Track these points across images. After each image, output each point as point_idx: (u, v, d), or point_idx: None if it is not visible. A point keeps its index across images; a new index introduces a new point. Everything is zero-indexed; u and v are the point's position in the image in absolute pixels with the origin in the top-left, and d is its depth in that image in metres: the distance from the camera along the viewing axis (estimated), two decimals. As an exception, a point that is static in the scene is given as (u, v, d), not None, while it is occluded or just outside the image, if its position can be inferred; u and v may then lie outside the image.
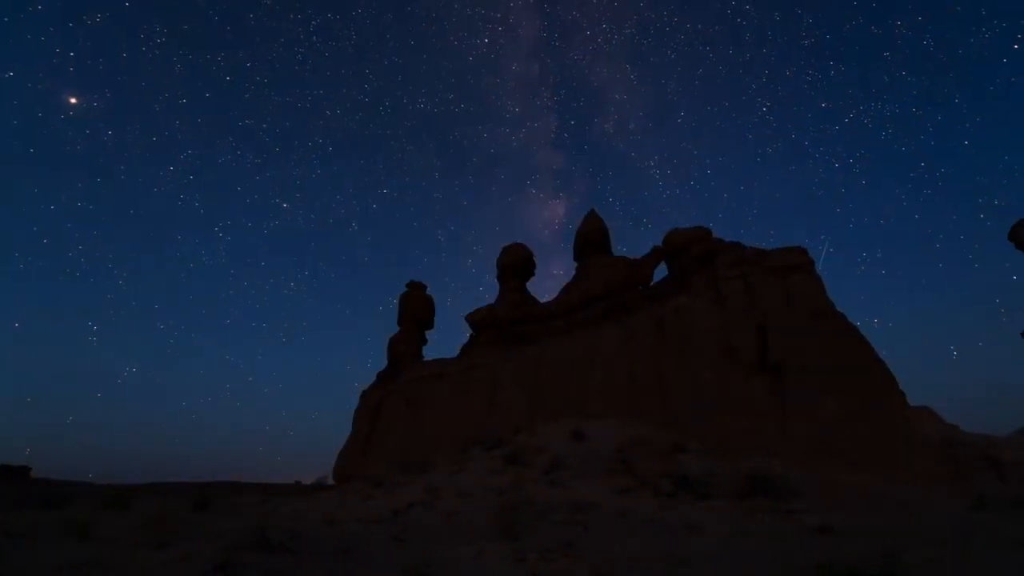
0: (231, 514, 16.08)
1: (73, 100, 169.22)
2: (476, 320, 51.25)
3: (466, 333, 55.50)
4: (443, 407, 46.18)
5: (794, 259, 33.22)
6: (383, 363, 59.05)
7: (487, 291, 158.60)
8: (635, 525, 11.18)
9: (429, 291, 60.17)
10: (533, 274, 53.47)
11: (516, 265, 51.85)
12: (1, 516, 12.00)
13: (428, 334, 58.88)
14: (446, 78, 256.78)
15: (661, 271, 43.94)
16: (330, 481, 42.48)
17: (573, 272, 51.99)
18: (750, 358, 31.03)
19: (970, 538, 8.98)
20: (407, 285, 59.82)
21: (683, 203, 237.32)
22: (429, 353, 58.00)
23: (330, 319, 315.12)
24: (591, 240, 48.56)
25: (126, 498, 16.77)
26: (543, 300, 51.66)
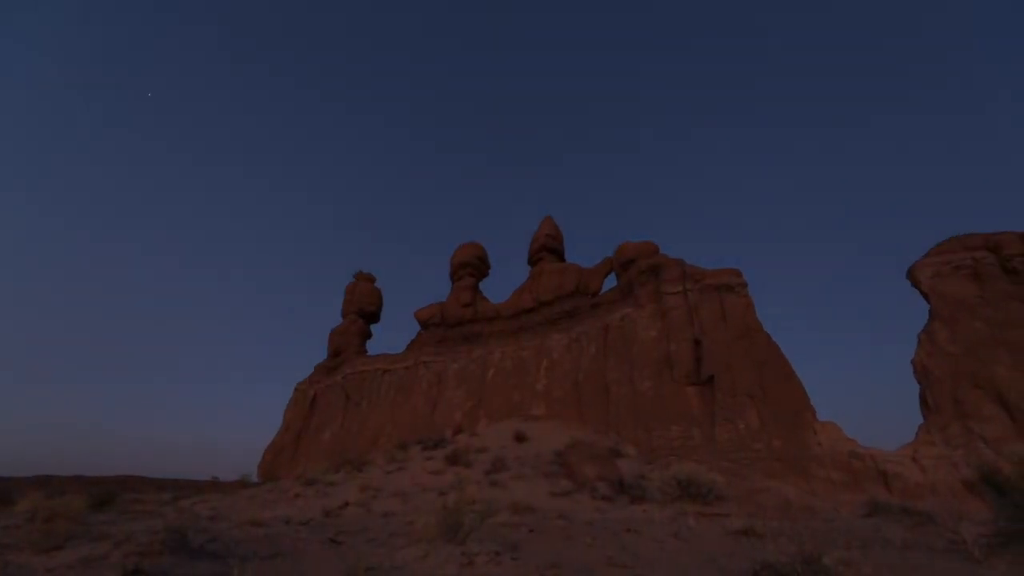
0: (139, 513, 14.53)
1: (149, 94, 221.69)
2: (424, 317, 50.26)
3: (414, 329, 54.24)
4: (384, 403, 44.78)
5: (730, 279, 35.70)
6: (317, 357, 56.28)
7: (442, 287, 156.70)
8: (576, 527, 11.41)
9: (378, 283, 58.23)
10: (487, 274, 53.38)
11: (469, 264, 51.51)
12: None
13: (373, 327, 56.99)
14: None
15: (611, 281, 45.50)
16: (255, 480, 39.70)
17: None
18: (686, 369, 32.91)
19: (868, 541, 10.06)
20: (354, 275, 57.54)
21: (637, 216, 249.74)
22: (373, 348, 56.08)
23: (261, 306, 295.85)
24: (546, 246, 49.36)
25: (7, 493, 14.65)
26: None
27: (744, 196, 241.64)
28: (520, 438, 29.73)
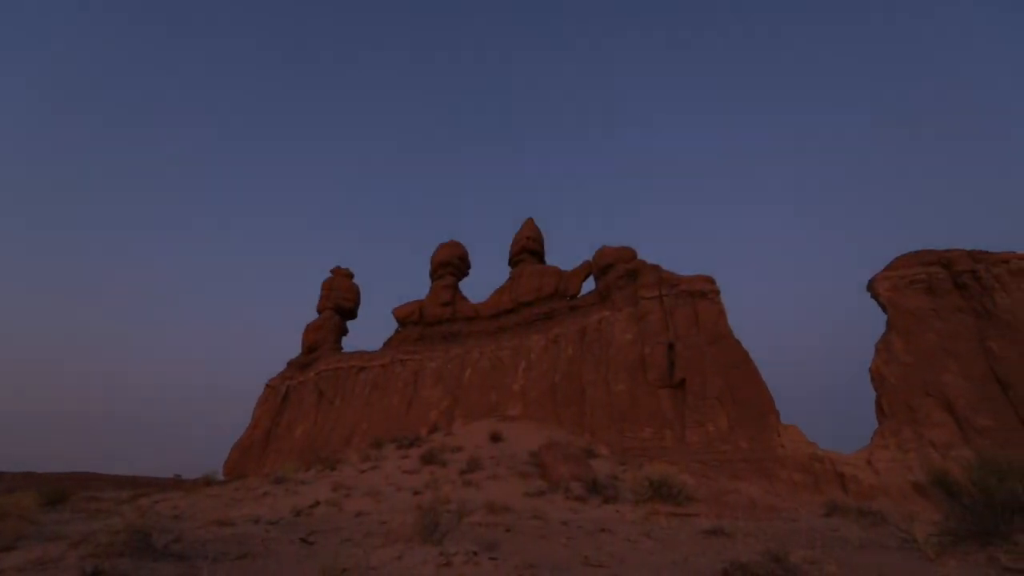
0: (95, 512, 13.85)
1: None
2: (403, 315, 49.68)
3: (392, 326, 53.48)
4: (359, 401, 44.01)
5: (703, 286, 36.66)
6: (290, 353, 54.78)
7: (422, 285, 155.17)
8: (551, 527, 11.52)
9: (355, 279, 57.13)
10: (467, 274, 53.18)
11: (450, 263, 51.19)
12: None
13: (350, 324, 55.90)
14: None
15: (589, 284, 46.00)
16: (220, 478, 38.35)
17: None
18: (659, 373, 33.61)
19: (828, 540, 10.53)
20: (331, 271, 56.37)
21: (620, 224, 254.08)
22: (349, 344, 55.00)
23: (229, 298, 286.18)
24: (527, 247, 49.55)
25: (-53, 491, 13.69)
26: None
27: (722, 204, 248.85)
28: (496, 438, 29.75)
